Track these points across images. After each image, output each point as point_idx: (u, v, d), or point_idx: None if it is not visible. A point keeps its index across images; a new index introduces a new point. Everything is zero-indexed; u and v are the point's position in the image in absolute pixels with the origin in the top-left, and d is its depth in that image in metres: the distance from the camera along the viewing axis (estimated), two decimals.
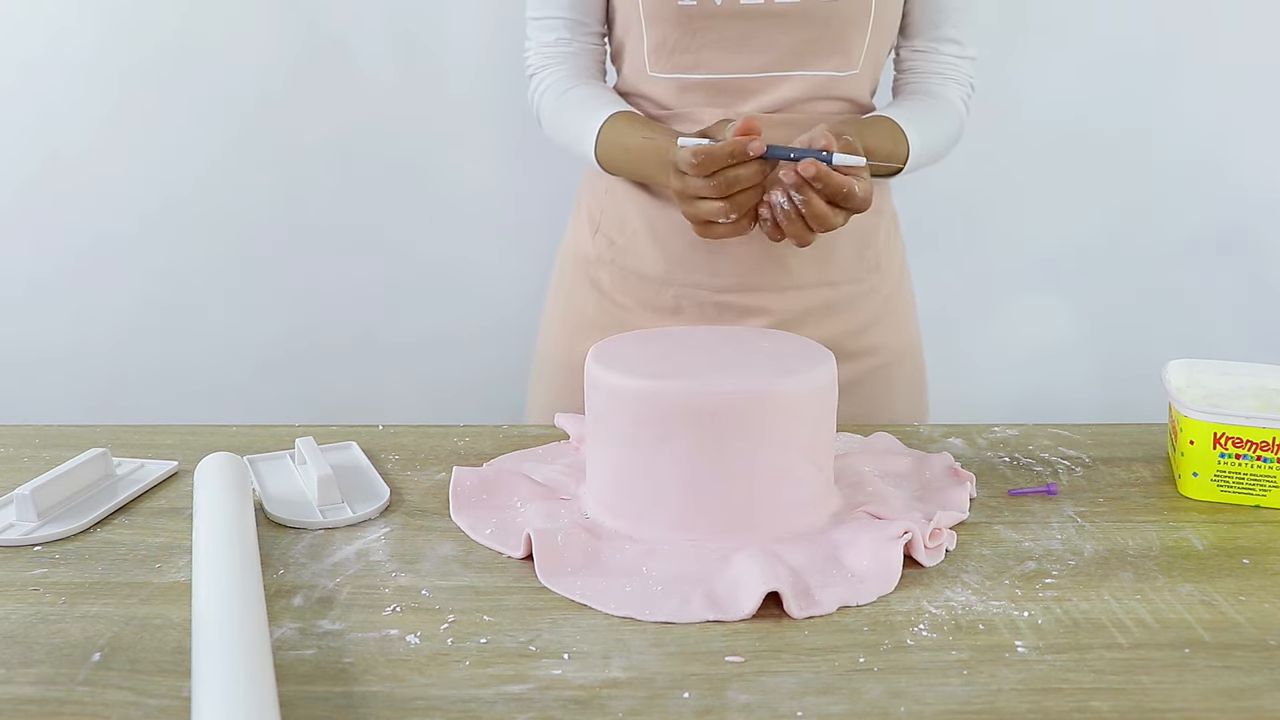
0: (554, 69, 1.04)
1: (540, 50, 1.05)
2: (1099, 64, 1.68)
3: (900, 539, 0.65)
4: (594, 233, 1.07)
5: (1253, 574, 0.65)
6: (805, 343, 0.76)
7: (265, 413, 1.71)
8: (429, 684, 0.53)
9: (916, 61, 1.05)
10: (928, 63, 1.05)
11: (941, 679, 0.53)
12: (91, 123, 1.69)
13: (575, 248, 1.10)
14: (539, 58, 1.05)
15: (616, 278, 1.05)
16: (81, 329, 1.79)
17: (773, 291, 1.01)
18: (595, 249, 1.07)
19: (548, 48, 1.04)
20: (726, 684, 0.53)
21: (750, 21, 0.93)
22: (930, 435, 0.90)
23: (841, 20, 0.94)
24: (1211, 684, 0.53)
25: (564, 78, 1.03)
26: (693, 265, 1.01)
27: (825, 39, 0.95)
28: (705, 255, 1.01)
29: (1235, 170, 1.73)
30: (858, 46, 0.96)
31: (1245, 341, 1.77)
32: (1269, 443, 0.73)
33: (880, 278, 1.06)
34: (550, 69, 1.04)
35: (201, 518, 0.68)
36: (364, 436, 0.90)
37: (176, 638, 0.58)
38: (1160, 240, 1.76)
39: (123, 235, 1.74)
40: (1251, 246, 1.77)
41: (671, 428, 0.67)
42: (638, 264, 1.04)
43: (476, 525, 0.72)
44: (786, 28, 0.94)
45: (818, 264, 1.02)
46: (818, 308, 1.02)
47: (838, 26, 0.94)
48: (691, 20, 0.94)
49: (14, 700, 0.53)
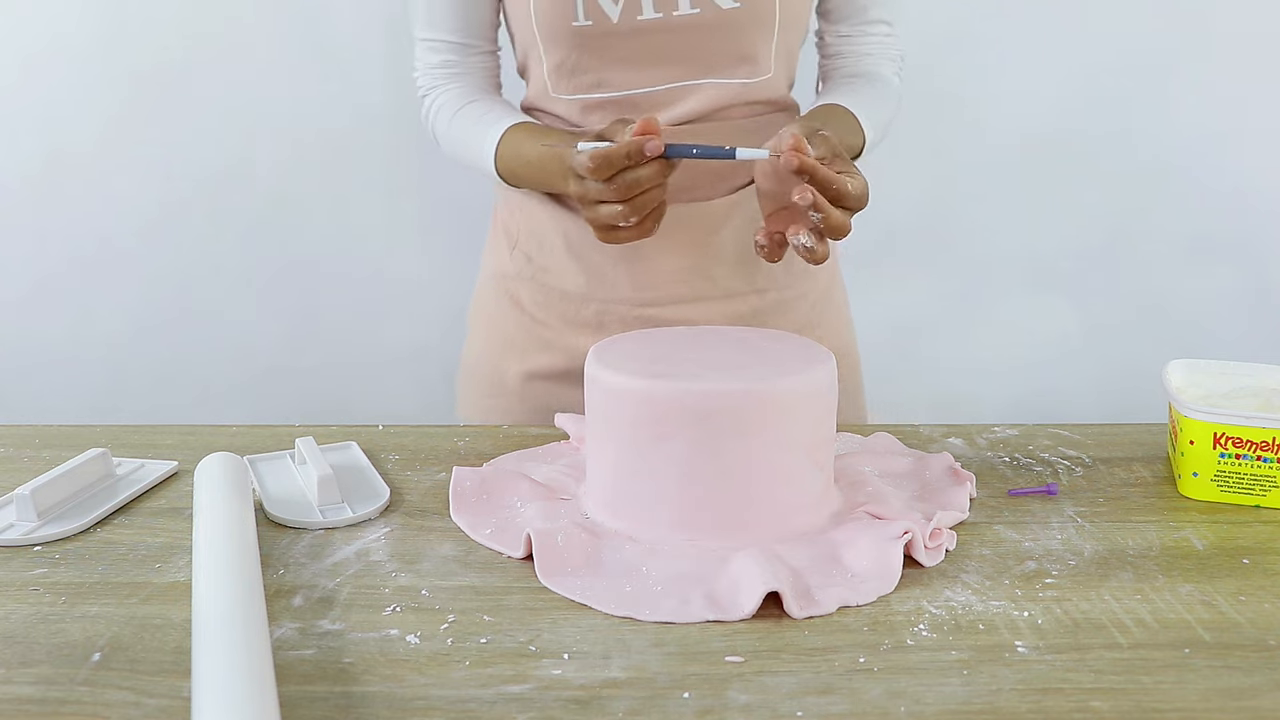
0: (444, 89, 1.02)
1: (429, 72, 1.02)
2: (1099, 65, 1.69)
3: (900, 539, 0.65)
4: (511, 249, 1.05)
5: (1253, 574, 0.65)
6: (805, 343, 0.76)
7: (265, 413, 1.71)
8: (429, 684, 0.53)
9: (844, 46, 1.02)
10: (856, 45, 1.02)
11: (941, 679, 0.53)
12: (93, 124, 1.69)
13: (494, 265, 1.07)
14: (428, 79, 1.02)
15: (538, 295, 1.03)
16: (82, 329, 1.79)
17: (698, 302, 0.99)
18: (514, 265, 1.04)
19: (435, 69, 1.01)
20: (726, 684, 0.53)
21: (650, 37, 0.91)
22: (930, 435, 0.90)
23: (744, 28, 0.92)
24: (1211, 684, 0.53)
25: (456, 95, 1.01)
26: (613, 280, 0.99)
27: (730, 48, 0.93)
28: (626, 269, 0.99)
29: (1235, 171, 1.73)
30: (765, 52, 0.94)
31: (1245, 341, 1.78)
32: (1269, 443, 0.73)
33: (810, 283, 1.04)
34: (440, 89, 1.02)
35: (201, 518, 0.69)
36: (364, 436, 0.90)
37: (176, 638, 0.58)
38: (1160, 241, 1.77)
39: (124, 236, 1.74)
40: (1251, 247, 1.77)
41: (671, 428, 0.67)
42: (557, 280, 1.01)
43: (476, 525, 0.72)
44: (688, 40, 0.91)
45: (744, 272, 1.00)
46: (745, 315, 1.00)
47: (741, 35, 0.92)
48: (589, 40, 0.91)
49: (14, 700, 0.53)
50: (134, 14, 1.65)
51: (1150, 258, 1.77)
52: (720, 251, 0.99)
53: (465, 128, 0.99)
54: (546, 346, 1.03)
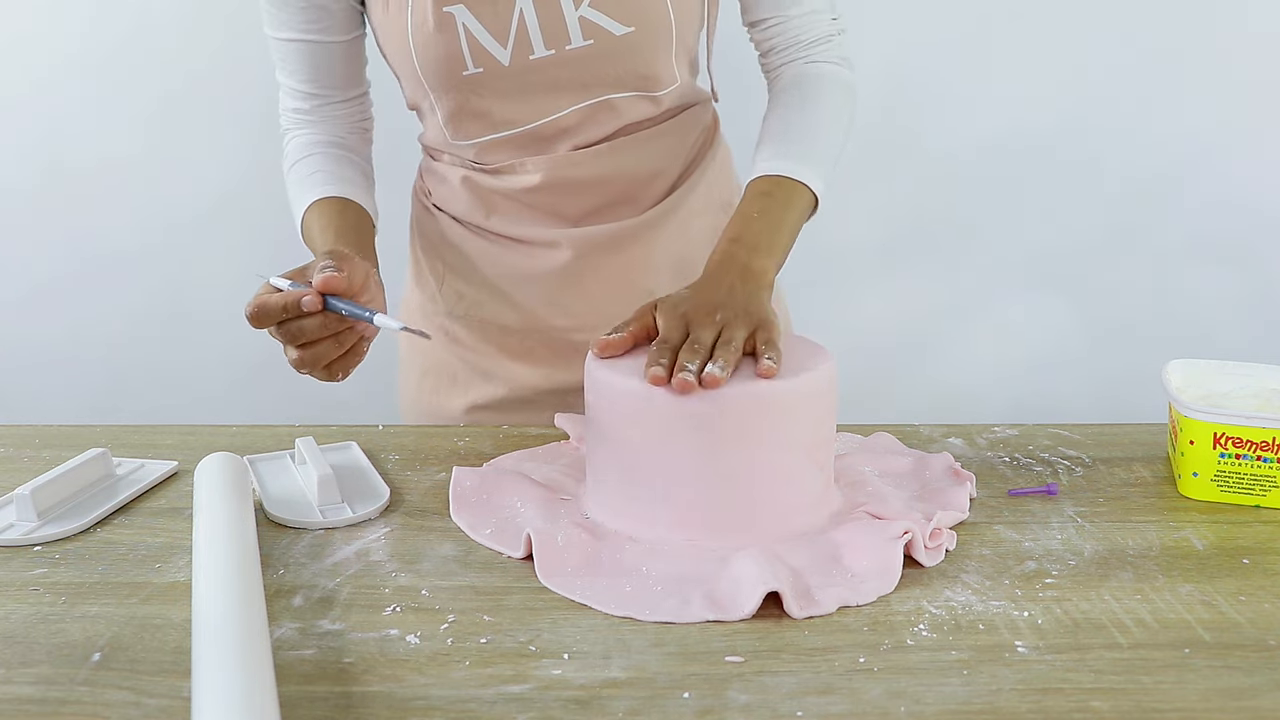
0: (295, 135, 0.97)
1: (284, 113, 0.98)
2: (1100, 66, 1.69)
3: (900, 539, 0.65)
4: (440, 284, 1.02)
5: (1253, 574, 0.65)
6: (805, 343, 0.76)
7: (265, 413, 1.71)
8: (429, 684, 0.53)
9: (772, 40, 0.95)
10: (783, 36, 0.95)
11: (941, 679, 0.53)
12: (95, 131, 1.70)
13: (421, 298, 1.04)
14: (285, 119, 0.98)
15: (473, 329, 1.01)
16: (82, 330, 1.79)
17: None
18: (445, 302, 1.01)
19: (289, 113, 0.97)
20: (726, 684, 0.53)
21: (544, 71, 0.88)
22: (930, 435, 0.90)
23: (640, 49, 0.88)
24: (1211, 684, 0.53)
25: (296, 147, 0.96)
26: (551, 309, 0.98)
27: (629, 69, 0.89)
28: (560, 299, 0.97)
29: (1235, 171, 1.73)
30: (666, 64, 0.91)
31: (1245, 341, 1.78)
32: (1269, 443, 0.73)
33: None
34: (292, 134, 0.97)
35: (201, 518, 0.69)
36: (364, 436, 0.90)
37: (176, 638, 0.58)
38: (1160, 241, 1.77)
39: (124, 238, 1.74)
40: (1251, 247, 1.77)
41: (671, 428, 0.67)
42: (493, 315, 0.99)
43: (476, 525, 0.71)
44: (585, 68, 0.88)
45: (682, 281, 0.92)
46: None
47: (638, 56, 0.89)
48: (482, 84, 0.88)
49: (14, 700, 0.53)
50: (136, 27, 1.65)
51: (1150, 258, 1.77)
52: (654, 264, 0.97)
53: (290, 186, 0.95)
54: (487, 378, 1.01)
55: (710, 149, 1.02)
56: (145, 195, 1.73)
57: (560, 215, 0.96)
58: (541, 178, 0.94)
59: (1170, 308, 1.78)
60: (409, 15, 0.86)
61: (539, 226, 0.96)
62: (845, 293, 1.76)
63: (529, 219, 0.97)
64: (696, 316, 0.73)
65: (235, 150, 1.67)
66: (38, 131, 1.70)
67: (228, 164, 1.69)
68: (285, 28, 0.92)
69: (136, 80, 1.68)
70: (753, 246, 0.82)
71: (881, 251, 1.76)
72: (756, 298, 0.77)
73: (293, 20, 0.91)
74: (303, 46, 0.92)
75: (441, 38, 0.86)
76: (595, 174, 0.94)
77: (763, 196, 0.87)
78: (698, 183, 1.00)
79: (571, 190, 0.95)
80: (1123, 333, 1.80)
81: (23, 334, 1.79)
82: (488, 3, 0.85)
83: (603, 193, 0.95)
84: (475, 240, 0.99)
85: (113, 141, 1.70)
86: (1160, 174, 1.73)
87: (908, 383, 1.83)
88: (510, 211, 0.97)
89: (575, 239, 0.96)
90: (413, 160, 1.07)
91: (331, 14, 0.91)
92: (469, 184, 0.97)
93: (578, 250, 0.96)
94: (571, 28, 0.86)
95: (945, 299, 1.81)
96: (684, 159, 0.99)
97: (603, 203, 0.96)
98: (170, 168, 1.72)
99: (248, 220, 1.69)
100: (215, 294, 1.75)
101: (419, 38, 0.87)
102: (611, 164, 0.94)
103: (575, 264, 0.96)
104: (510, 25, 0.86)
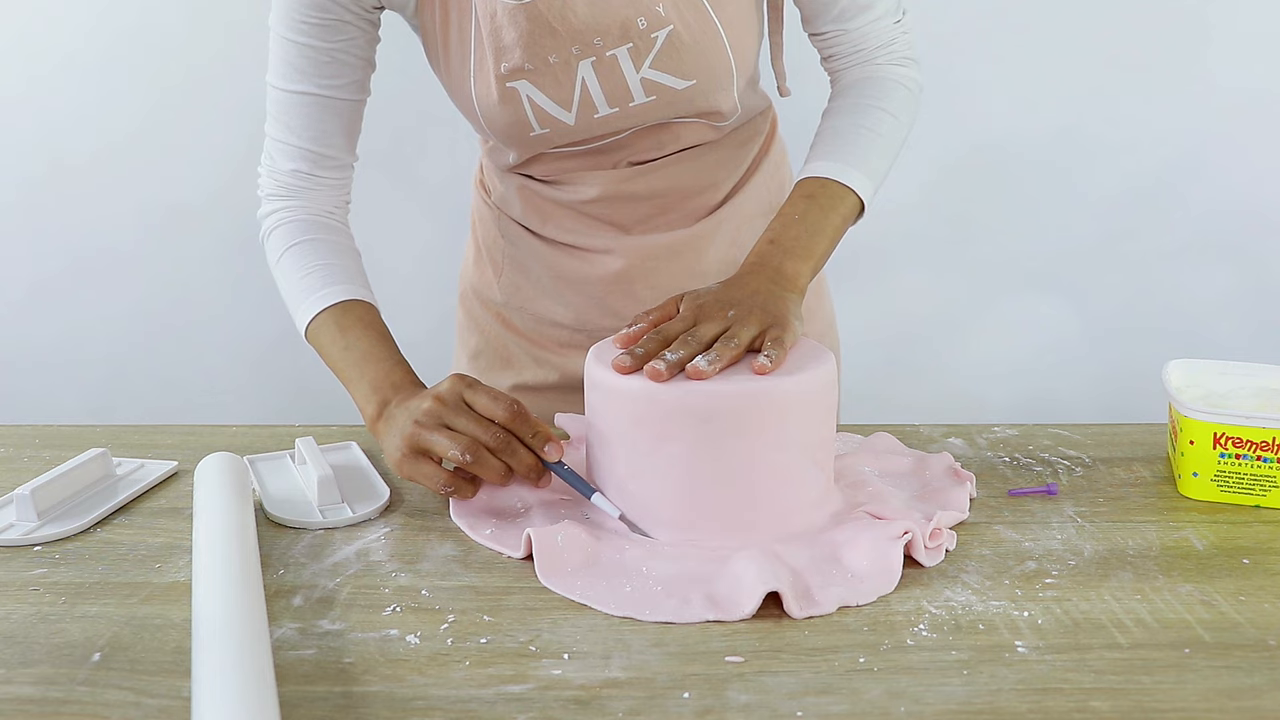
0: (285, 208, 0.90)
1: (272, 175, 0.91)
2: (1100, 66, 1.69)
3: (900, 539, 0.65)
4: (498, 276, 1.04)
5: (1253, 574, 0.65)
6: (805, 342, 0.76)
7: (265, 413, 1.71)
8: (429, 684, 0.53)
9: (833, 48, 0.94)
10: (843, 45, 0.93)
11: (941, 679, 0.53)
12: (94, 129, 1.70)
13: (479, 284, 1.06)
14: (270, 182, 0.91)
15: (528, 321, 1.03)
16: (82, 330, 1.79)
17: None
18: (502, 293, 1.04)
19: (281, 175, 0.90)
20: (726, 684, 0.53)
21: (608, 124, 0.89)
22: (930, 435, 0.90)
23: (705, 94, 0.89)
24: (1211, 684, 0.53)
25: (291, 229, 0.89)
26: (602, 311, 0.99)
27: (691, 110, 0.90)
28: (613, 304, 0.98)
29: (1235, 172, 1.73)
30: (728, 101, 0.91)
31: (1245, 341, 1.78)
32: (1269, 443, 0.73)
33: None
34: (281, 208, 0.90)
35: (201, 518, 0.69)
36: (364, 436, 0.90)
37: (176, 638, 0.58)
38: (1160, 241, 1.77)
39: (124, 238, 1.74)
40: (1251, 247, 1.77)
41: (672, 428, 0.67)
42: (547, 312, 1.01)
43: (476, 525, 0.71)
44: (647, 115, 0.89)
45: None
46: None
47: (702, 100, 0.89)
48: (548, 139, 0.90)
49: (14, 700, 0.53)
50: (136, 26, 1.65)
51: (1150, 258, 1.77)
52: (705, 270, 0.98)
53: (288, 275, 0.88)
54: (540, 362, 1.03)
55: (765, 154, 1.03)
56: (145, 195, 1.73)
57: (615, 225, 0.97)
58: (598, 191, 0.95)
59: (1170, 308, 1.78)
60: (472, 85, 0.87)
61: (593, 235, 0.98)
62: (845, 293, 1.76)
63: (584, 228, 0.98)
64: (708, 311, 0.74)
65: (235, 150, 1.67)
66: (38, 131, 1.70)
67: (228, 164, 1.68)
68: (300, 80, 0.86)
69: (136, 79, 1.68)
70: (788, 249, 0.82)
71: (881, 251, 1.76)
72: (780, 299, 0.77)
73: (308, 70, 0.86)
74: (316, 101, 0.87)
75: (507, 109, 0.87)
76: (651, 188, 0.95)
77: (806, 199, 0.86)
78: (752, 189, 1.01)
79: (627, 202, 0.96)
80: (1123, 333, 1.80)
81: (23, 334, 1.79)
82: (550, 75, 0.85)
83: (658, 204, 0.97)
84: (531, 241, 1.01)
85: (112, 141, 1.70)
86: (1160, 174, 1.73)
87: (908, 383, 1.83)
88: (565, 220, 0.98)
89: (628, 247, 0.97)
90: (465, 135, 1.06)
91: (352, 69, 0.88)
92: (525, 192, 0.99)
93: (630, 258, 0.97)
94: (634, 88, 0.87)
95: (945, 299, 1.81)
96: (740, 169, 1.00)
97: (657, 213, 0.97)
98: (170, 168, 1.72)
99: (248, 220, 1.69)
100: (215, 294, 1.75)
101: (484, 105, 0.87)
102: (668, 178, 0.95)
103: (627, 271, 0.97)
104: (574, 93, 0.86)
